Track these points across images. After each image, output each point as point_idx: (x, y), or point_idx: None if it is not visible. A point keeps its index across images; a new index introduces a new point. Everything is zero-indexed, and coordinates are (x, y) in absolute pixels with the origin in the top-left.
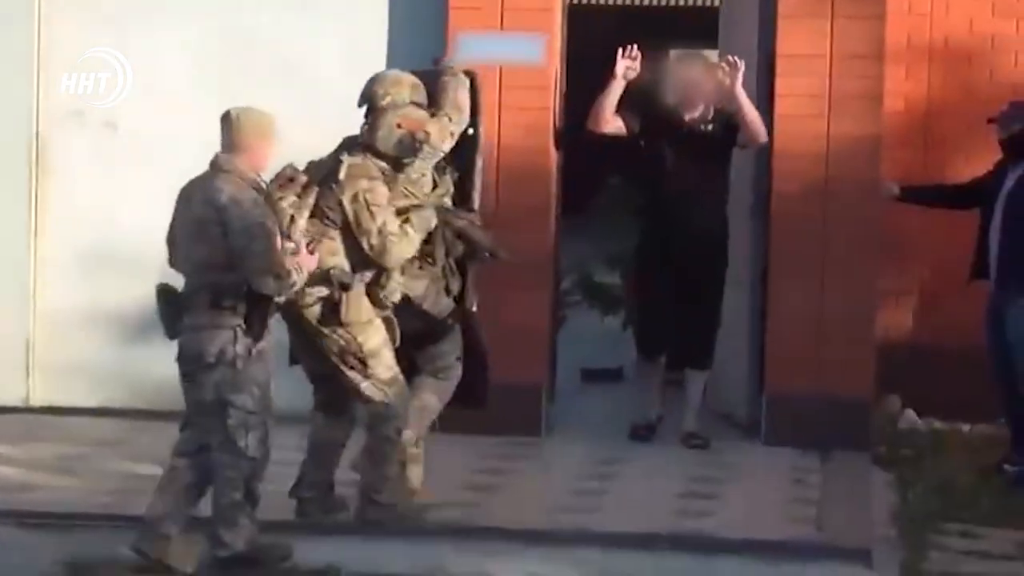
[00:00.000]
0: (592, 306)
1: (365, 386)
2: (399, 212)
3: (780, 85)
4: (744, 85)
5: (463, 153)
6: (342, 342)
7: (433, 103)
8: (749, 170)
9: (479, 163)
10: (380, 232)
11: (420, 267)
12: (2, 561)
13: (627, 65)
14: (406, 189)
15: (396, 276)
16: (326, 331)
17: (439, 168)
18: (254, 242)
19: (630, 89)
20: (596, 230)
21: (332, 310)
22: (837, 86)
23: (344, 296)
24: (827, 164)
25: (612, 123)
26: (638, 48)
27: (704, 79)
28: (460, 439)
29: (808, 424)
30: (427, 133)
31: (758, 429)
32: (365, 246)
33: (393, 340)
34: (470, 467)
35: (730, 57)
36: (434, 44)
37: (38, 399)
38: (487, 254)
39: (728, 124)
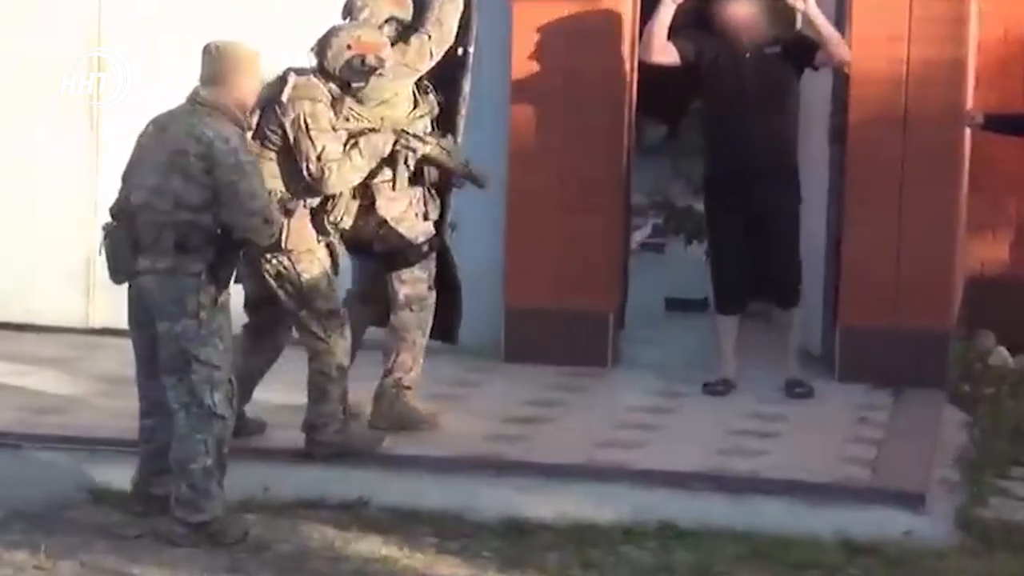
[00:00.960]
0: (676, 233)
1: (303, 315)
2: (351, 136)
3: (857, 5)
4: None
5: (450, 75)
6: (281, 268)
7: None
8: (826, 94)
9: (466, 86)
10: (319, 158)
11: (394, 188)
12: (25, 485)
13: None
14: (353, 112)
15: (344, 202)
16: (267, 255)
17: (422, 88)
18: (244, 180)
19: (685, 12)
20: (680, 155)
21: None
22: (918, 6)
23: (286, 222)
24: (906, 89)
25: (664, 52)
26: None
27: (762, 6)
28: (522, 369)
29: (883, 359)
30: (379, 59)
31: (833, 363)
32: (304, 172)
33: (335, 268)
34: (524, 398)
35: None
36: None
37: (98, 320)
38: (463, 180)
39: (797, 45)
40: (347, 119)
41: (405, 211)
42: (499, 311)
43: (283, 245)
